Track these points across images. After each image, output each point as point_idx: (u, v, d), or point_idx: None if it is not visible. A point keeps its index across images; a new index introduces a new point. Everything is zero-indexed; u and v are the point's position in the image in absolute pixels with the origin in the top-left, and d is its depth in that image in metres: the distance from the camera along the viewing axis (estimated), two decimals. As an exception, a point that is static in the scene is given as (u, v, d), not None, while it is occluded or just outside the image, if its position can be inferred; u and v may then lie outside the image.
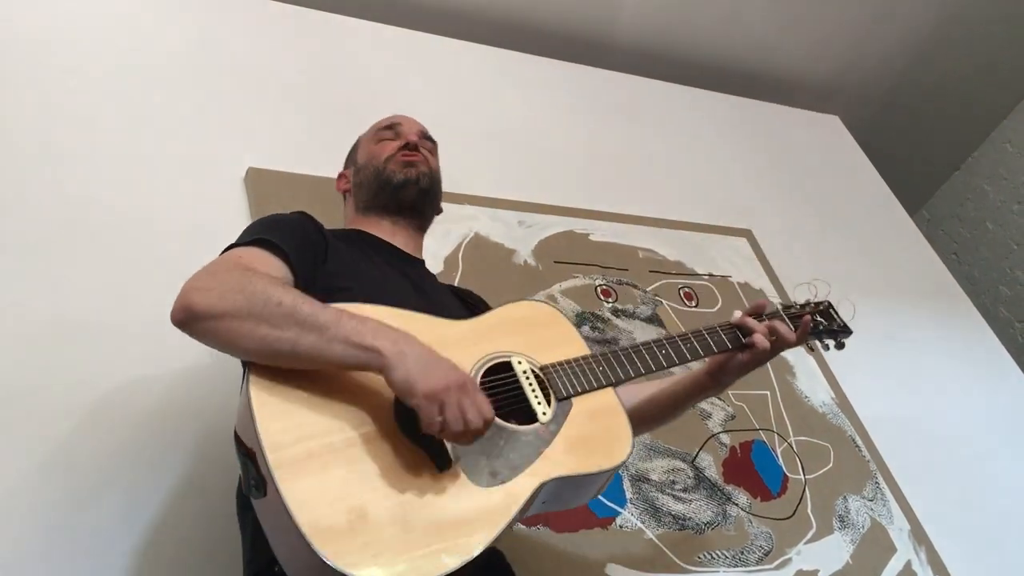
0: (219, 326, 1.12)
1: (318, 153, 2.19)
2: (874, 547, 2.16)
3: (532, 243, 2.35)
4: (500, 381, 1.28)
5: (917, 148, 4.20)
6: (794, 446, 2.29)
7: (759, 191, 3.13)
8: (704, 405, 2.23)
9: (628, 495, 1.94)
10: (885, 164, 3.67)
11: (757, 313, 1.55)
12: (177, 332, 1.16)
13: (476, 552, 1.09)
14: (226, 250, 1.27)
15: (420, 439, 1.15)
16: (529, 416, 1.27)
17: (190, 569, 1.49)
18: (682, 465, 2.08)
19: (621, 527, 1.88)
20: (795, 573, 2.01)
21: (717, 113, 3.34)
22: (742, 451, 2.19)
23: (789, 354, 2.52)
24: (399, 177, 1.55)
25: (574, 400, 1.32)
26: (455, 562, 1.07)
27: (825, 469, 2.28)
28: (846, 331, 1.68)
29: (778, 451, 2.25)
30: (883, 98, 4.05)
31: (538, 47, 3.03)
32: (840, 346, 1.68)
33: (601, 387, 1.35)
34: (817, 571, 2.04)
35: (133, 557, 1.46)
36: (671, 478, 2.03)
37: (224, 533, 1.45)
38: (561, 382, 1.32)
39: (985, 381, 2.95)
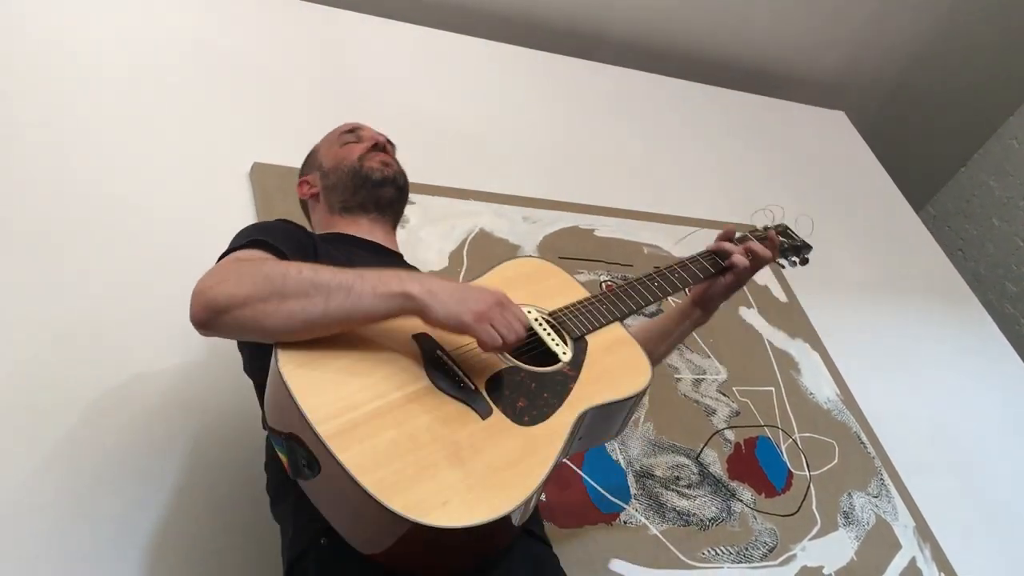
0: (244, 313, 1.12)
1: (323, 148, 2.19)
2: (879, 544, 2.16)
3: (537, 238, 2.35)
4: None
5: (923, 144, 4.19)
6: (799, 442, 2.28)
7: (764, 187, 3.12)
8: (709, 401, 2.23)
9: (632, 491, 1.94)
10: (891, 160, 3.66)
11: (728, 238, 1.66)
12: (182, 329, 1.16)
13: (538, 483, 1.14)
14: (221, 257, 1.28)
15: (458, 392, 1.19)
16: (550, 359, 1.33)
17: (195, 567, 1.49)
18: (686, 461, 2.08)
19: (625, 523, 1.88)
20: (799, 569, 2.01)
21: (723, 109, 3.33)
22: (747, 447, 2.19)
23: (794, 350, 2.52)
24: (377, 175, 1.59)
25: (588, 338, 1.39)
26: (520, 494, 1.11)
27: (830, 465, 2.28)
28: (806, 247, 1.82)
29: (783, 447, 2.25)
30: (889, 94, 4.04)
31: (543, 42, 3.02)
32: (804, 262, 1.81)
33: (609, 323, 1.43)
34: (822, 567, 2.04)
35: (137, 555, 1.46)
36: (675, 474, 2.03)
37: (228, 530, 1.45)
38: (573, 323, 1.39)
39: (990, 377, 2.95)
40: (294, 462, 1.12)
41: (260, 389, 1.28)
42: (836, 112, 3.73)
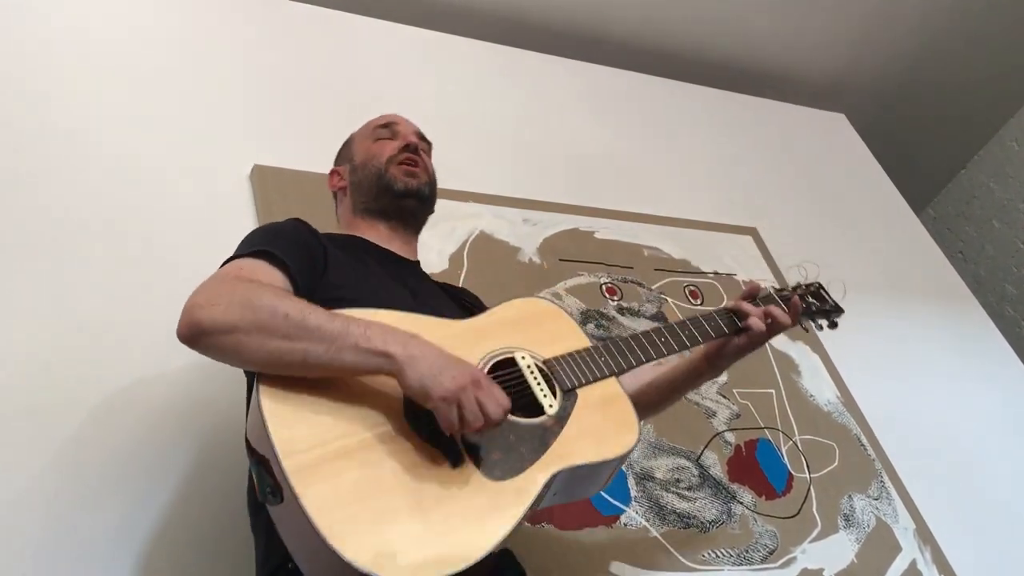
0: (227, 341, 1.12)
1: (324, 150, 2.17)
2: (879, 546, 2.16)
3: (537, 241, 2.34)
4: (505, 376, 1.29)
5: (923, 146, 4.18)
6: (799, 445, 2.28)
7: (765, 189, 3.12)
8: (709, 403, 2.23)
9: (633, 493, 1.94)
10: (891, 162, 3.66)
11: (751, 297, 1.58)
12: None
13: (494, 544, 1.11)
14: (226, 262, 1.27)
15: (432, 437, 1.16)
16: (536, 410, 1.28)
17: (196, 569, 1.49)
18: (687, 463, 2.07)
19: (626, 525, 1.88)
20: (800, 572, 2.00)
21: (723, 111, 3.33)
22: (747, 449, 2.19)
23: (794, 352, 2.51)
24: (400, 185, 1.54)
25: (579, 391, 1.34)
26: (475, 555, 1.09)
27: (830, 468, 2.28)
28: (838, 310, 1.72)
29: (783, 450, 2.25)
30: (889, 96, 4.04)
31: (544, 44, 3.02)
32: (833, 325, 1.71)
33: (604, 377, 1.37)
34: (822, 570, 2.03)
35: (139, 557, 1.47)
36: (676, 476, 2.03)
37: (230, 533, 1.45)
38: (565, 374, 1.34)
39: (990, 380, 2.94)
40: (262, 486, 1.12)
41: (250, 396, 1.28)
42: (836, 114, 3.73)
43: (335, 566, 1.03)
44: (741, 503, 2.06)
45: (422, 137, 1.66)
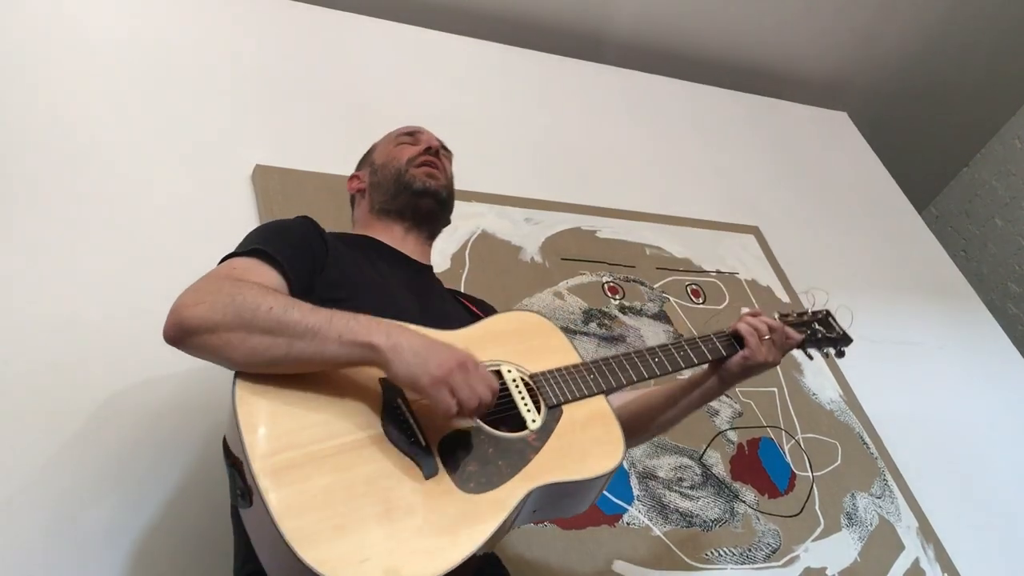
0: (211, 339, 1.11)
1: (325, 150, 2.19)
2: (882, 544, 2.16)
3: (539, 240, 2.34)
4: None
5: (925, 144, 4.18)
6: (802, 443, 2.28)
7: (767, 188, 3.12)
8: (711, 402, 2.22)
9: (635, 492, 1.94)
10: (893, 160, 3.66)
11: (753, 325, 1.53)
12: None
13: (460, 559, 1.08)
14: (224, 259, 1.27)
15: (406, 447, 1.15)
16: (519, 424, 1.26)
17: (192, 569, 1.49)
18: (689, 462, 2.07)
19: (628, 524, 1.88)
20: (803, 571, 2.00)
21: (725, 110, 3.33)
22: (749, 448, 2.19)
23: (797, 351, 2.51)
24: (419, 184, 1.54)
25: (564, 408, 1.31)
26: (442, 567, 1.06)
27: (833, 466, 2.28)
28: (846, 339, 1.68)
29: (786, 448, 2.24)
30: (891, 94, 4.04)
31: (545, 44, 3.02)
32: (840, 354, 1.68)
33: (592, 395, 1.34)
34: (825, 569, 2.03)
35: (134, 557, 1.47)
36: (678, 475, 2.03)
37: (225, 534, 1.45)
38: (551, 389, 1.32)
39: (993, 378, 2.94)
40: (233, 488, 1.11)
41: None
42: (838, 113, 3.73)
43: (297, 572, 1.01)
44: (744, 502, 2.06)
45: (443, 146, 1.67)
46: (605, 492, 1.87)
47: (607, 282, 2.35)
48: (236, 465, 1.09)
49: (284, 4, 2.56)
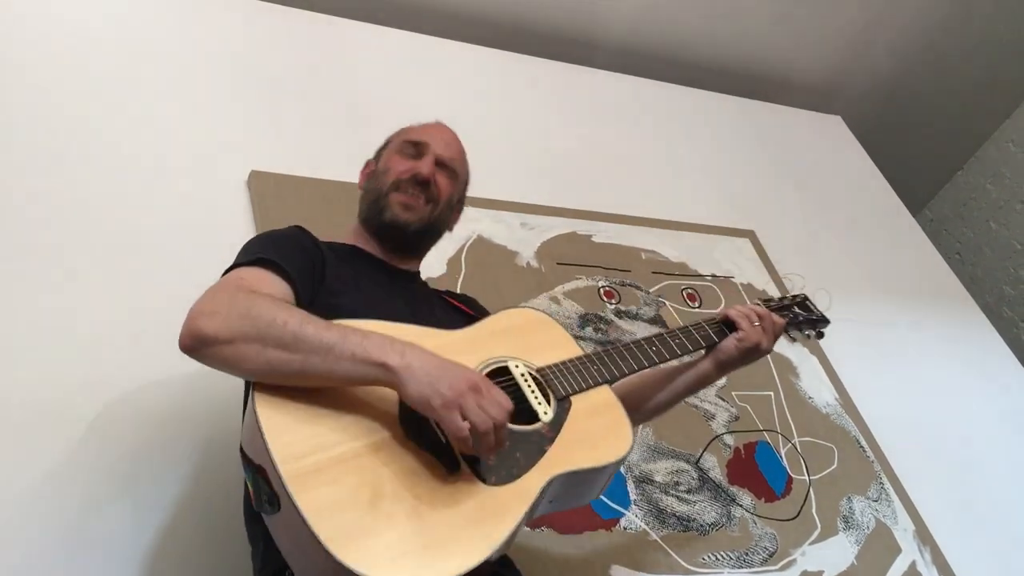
0: (227, 351, 1.12)
1: (320, 156, 2.19)
2: (879, 548, 2.16)
3: (535, 245, 2.35)
4: (500, 385, 1.28)
5: (920, 148, 4.19)
6: (798, 447, 2.28)
7: (762, 192, 3.13)
8: (708, 406, 2.23)
9: (632, 496, 1.94)
10: (888, 164, 3.66)
11: (741, 312, 1.59)
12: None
13: (494, 548, 1.12)
14: (228, 270, 1.27)
15: (428, 444, 1.17)
16: (530, 417, 1.29)
17: (200, 572, 1.49)
18: (686, 466, 2.08)
19: (625, 528, 1.88)
20: (800, 574, 2.00)
21: (720, 114, 3.34)
22: (746, 452, 2.19)
23: (793, 355, 2.52)
24: (388, 216, 1.49)
25: (572, 399, 1.35)
26: (474, 559, 1.09)
27: (829, 470, 2.28)
28: (824, 320, 1.75)
29: (782, 452, 2.25)
30: (885, 98, 4.05)
31: (539, 48, 3.03)
32: (820, 335, 1.76)
33: (597, 385, 1.39)
34: (822, 572, 2.03)
35: (140, 562, 1.47)
36: (675, 479, 2.03)
37: (230, 538, 1.45)
38: (559, 382, 1.35)
39: (988, 381, 2.95)
40: (258, 495, 1.12)
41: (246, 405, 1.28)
42: (832, 117, 3.74)
43: (333, 572, 1.03)
44: (740, 506, 2.06)
45: (444, 163, 1.56)
46: (602, 497, 1.88)
47: (603, 286, 2.35)
48: (260, 472, 1.10)
49: (280, 10, 2.56)
